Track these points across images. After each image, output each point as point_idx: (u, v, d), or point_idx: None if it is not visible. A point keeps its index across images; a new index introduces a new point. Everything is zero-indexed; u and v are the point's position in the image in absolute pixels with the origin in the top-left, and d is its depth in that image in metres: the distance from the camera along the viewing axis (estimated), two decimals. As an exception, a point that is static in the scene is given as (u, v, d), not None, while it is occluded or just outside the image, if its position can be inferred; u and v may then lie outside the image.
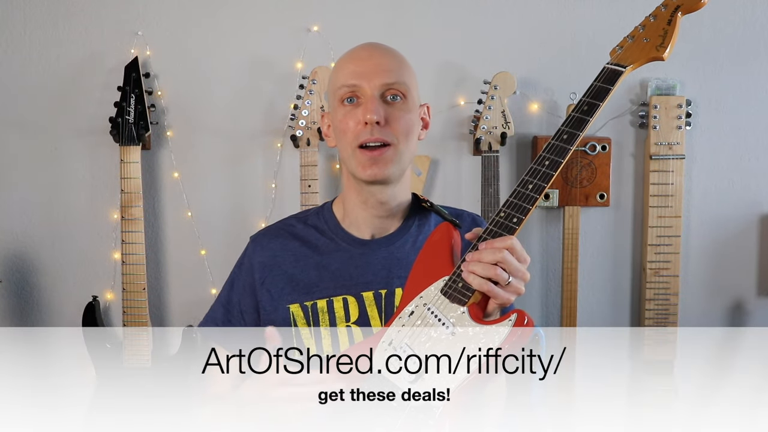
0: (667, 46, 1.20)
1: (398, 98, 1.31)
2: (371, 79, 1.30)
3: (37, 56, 2.36)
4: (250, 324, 1.41)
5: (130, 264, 2.26)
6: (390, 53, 1.35)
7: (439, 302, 1.19)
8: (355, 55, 1.34)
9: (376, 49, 1.35)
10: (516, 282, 1.16)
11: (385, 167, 1.30)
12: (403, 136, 1.31)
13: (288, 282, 1.37)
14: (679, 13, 1.20)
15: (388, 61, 1.33)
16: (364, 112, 1.29)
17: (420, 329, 1.18)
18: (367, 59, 1.32)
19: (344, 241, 1.38)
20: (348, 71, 1.32)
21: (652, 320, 2.37)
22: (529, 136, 2.40)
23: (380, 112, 1.28)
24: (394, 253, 1.36)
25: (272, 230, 1.45)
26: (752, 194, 2.44)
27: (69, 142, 2.39)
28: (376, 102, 1.29)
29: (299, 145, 2.27)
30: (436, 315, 1.17)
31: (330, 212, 1.43)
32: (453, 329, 1.14)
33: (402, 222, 1.40)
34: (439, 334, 1.15)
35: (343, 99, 1.32)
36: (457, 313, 1.16)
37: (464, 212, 1.47)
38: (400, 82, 1.31)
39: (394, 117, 1.30)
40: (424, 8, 2.37)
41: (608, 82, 1.21)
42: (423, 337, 1.17)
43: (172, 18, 2.36)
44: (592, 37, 2.39)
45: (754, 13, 2.39)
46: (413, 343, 1.17)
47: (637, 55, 1.23)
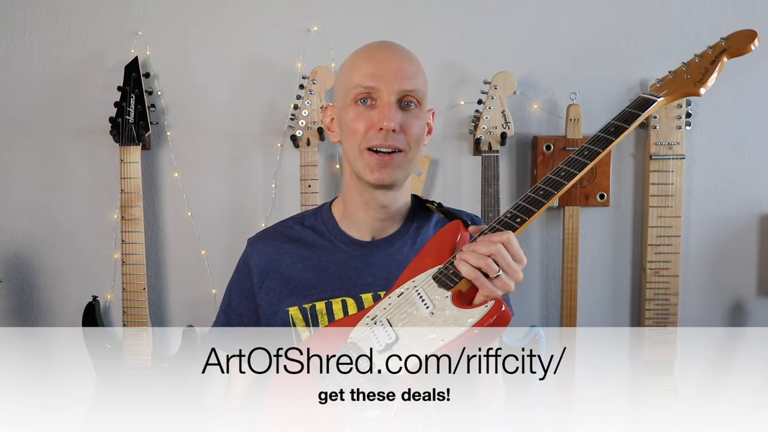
0: (705, 82, 1.25)
1: (413, 105, 1.30)
2: (390, 84, 1.28)
3: (37, 56, 2.36)
4: (248, 327, 1.41)
5: (130, 264, 2.26)
6: (409, 57, 1.33)
7: (427, 286, 1.22)
8: (373, 55, 1.31)
9: (396, 51, 1.33)
10: (506, 278, 1.15)
11: (393, 172, 1.30)
12: (415, 143, 1.31)
13: (286, 284, 1.36)
14: (725, 57, 1.25)
15: (408, 66, 1.30)
16: (381, 118, 1.27)
17: (403, 309, 1.21)
18: (386, 61, 1.29)
19: (342, 243, 1.38)
20: (365, 72, 1.29)
21: (652, 320, 2.37)
22: (529, 136, 2.40)
23: (397, 119, 1.27)
24: (393, 255, 1.36)
25: (269, 233, 1.45)
26: (752, 194, 2.44)
27: (69, 142, 2.39)
28: (393, 108, 1.27)
29: (299, 145, 2.27)
30: (421, 297, 1.20)
31: (329, 213, 1.42)
32: (433, 310, 1.17)
33: (401, 224, 1.40)
34: (419, 313, 1.18)
35: (357, 99, 1.29)
36: (441, 297, 1.18)
37: (463, 213, 1.47)
38: (417, 89, 1.30)
39: (408, 124, 1.29)
40: (424, 8, 2.37)
41: (639, 108, 1.24)
42: (402, 315, 1.20)
43: (172, 18, 2.36)
44: (592, 37, 2.39)
45: (754, 13, 2.39)
46: (393, 320, 1.20)
47: (674, 89, 1.27)
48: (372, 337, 1.20)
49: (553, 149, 2.33)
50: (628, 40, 2.39)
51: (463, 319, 1.13)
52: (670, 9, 2.38)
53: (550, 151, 2.33)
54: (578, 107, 2.32)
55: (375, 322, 1.22)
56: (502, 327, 1.12)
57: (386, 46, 1.34)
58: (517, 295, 1.57)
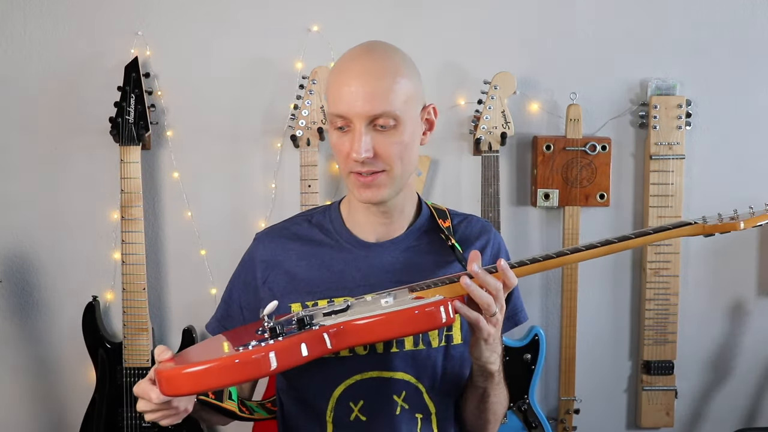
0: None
1: (389, 125, 1.23)
2: (358, 111, 1.22)
3: (37, 56, 2.36)
4: (249, 320, 1.41)
5: (130, 264, 2.26)
6: (381, 72, 1.23)
7: (399, 291, 1.25)
8: (343, 78, 1.24)
9: (367, 69, 1.23)
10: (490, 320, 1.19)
11: (378, 191, 1.27)
12: (397, 161, 1.26)
13: (290, 281, 1.36)
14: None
15: (378, 84, 1.21)
16: (351, 148, 1.23)
17: (365, 303, 1.23)
18: (354, 84, 1.22)
19: (348, 243, 1.37)
20: (336, 97, 1.24)
21: (652, 320, 2.37)
22: (529, 136, 2.40)
23: (368, 146, 1.22)
24: (398, 258, 1.36)
25: (276, 229, 1.44)
26: (752, 194, 2.43)
27: (69, 142, 2.38)
28: (362, 137, 1.22)
29: (299, 145, 2.27)
30: (389, 296, 1.21)
31: (336, 212, 1.41)
32: (389, 300, 1.18)
33: (408, 226, 1.39)
34: (376, 302, 1.20)
35: (334, 125, 1.26)
36: (404, 296, 1.21)
37: (474, 217, 1.45)
38: (389, 110, 1.21)
39: (383, 146, 1.24)
40: (424, 8, 2.37)
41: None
42: (362, 304, 1.22)
43: (172, 18, 2.35)
44: (592, 37, 2.39)
45: (754, 13, 2.39)
46: (354, 305, 1.22)
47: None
48: (325, 309, 1.22)
49: (553, 149, 2.33)
50: (628, 40, 2.39)
51: (406, 302, 1.14)
52: (670, 9, 2.38)
53: (550, 151, 2.33)
54: (578, 107, 2.32)
55: (339, 304, 1.24)
56: (435, 323, 1.10)
57: (358, 60, 1.26)
58: (517, 295, 1.57)
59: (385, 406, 1.31)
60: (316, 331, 1.10)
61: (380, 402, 1.30)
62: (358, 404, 1.31)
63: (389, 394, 1.31)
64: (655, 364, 2.38)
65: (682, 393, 2.47)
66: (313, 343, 1.09)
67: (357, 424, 1.31)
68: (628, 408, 2.52)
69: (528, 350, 2.33)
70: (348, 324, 1.11)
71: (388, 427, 1.31)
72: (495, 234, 1.43)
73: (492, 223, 2.22)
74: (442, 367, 1.33)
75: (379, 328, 1.11)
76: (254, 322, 1.26)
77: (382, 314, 1.11)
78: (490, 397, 1.32)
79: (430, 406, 1.33)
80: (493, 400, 1.32)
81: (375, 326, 1.11)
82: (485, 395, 1.31)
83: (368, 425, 1.31)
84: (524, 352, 2.33)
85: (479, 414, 1.35)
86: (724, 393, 2.51)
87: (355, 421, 1.31)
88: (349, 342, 1.12)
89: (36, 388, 2.44)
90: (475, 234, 1.41)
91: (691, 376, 2.50)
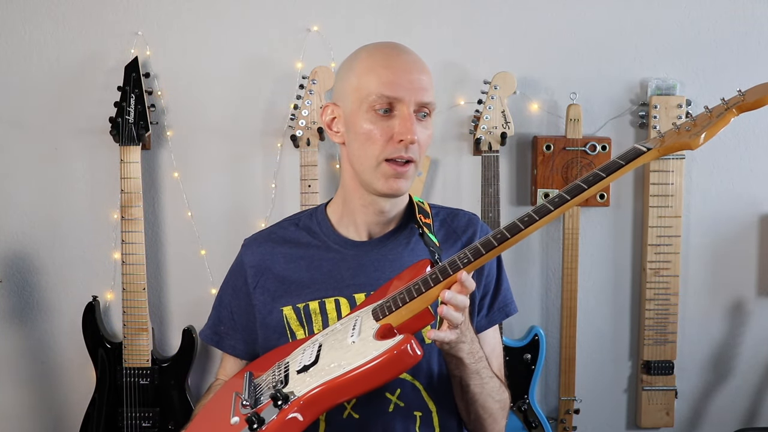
0: (701, 135, 1.10)
1: (426, 115, 1.30)
2: (411, 95, 1.26)
3: (37, 56, 2.36)
4: (239, 324, 1.43)
5: (130, 264, 2.26)
6: (423, 66, 1.31)
7: (366, 315, 1.22)
8: (392, 63, 1.28)
9: (413, 60, 1.30)
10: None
11: (405, 183, 1.30)
12: (424, 151, 1.31)
13: (280, 284, 1.37)
14: (735, 110, 1.11)
15: (425, 77, 1.29)
16: (403, 131, 1.25)
17: (339, 335, 1.21)
18: (405, 71, 1.27)
19: (336, 243, 1.38)
20: (386, 80, 1.26)
21: (652, 320, 2.37)
22: (529, 136, 2.40)
23: (417, 132, 1.26)
24: (387, 255, 1.36)
25: (263, 234, 1.46)
26: (752, 194, 2.44)
27: (69, 142, 2.38)
28: (413, 121, 1.26)
29: (299, 145, 2.28)
30: (355, 327, 1.19)
31: (323, 214, 1.43)
32: (356, 339, 1.16)
33: (397, 224, 1.40)
34: (346, 341, 1.18)
35: (375, 107, 1.27)
36: (369, 328, 1.18)
37: (460, 212, 1.46)
38: (432, 101, 1.29)
39: (421, 135, 1.28)
40: (424, 8, 2.37)
41: (624, 158, 1.13)
42: (334, 341, 1.20)
43: (172, 18, 2.35)
44: (592, 37, 2.39)
45: (754, 13, 2.39)
46: (325, 344, 1.21)
47: (669, 140, 1.13)
48: (300, 358, 1.21)
49: (553, 149, 2.33)
50: (628, 40, 2.39)
51: (368, 351, 1.12)
52: (670, 9, 2.38)
53: (550, 151, 2.33)
54: (578, 107, 2.32)
55: (313, 344, 1.23)
56: (404, 365, 1.09)
57: (404, 52, 1.31)
58: (517, 295, 1.57)
59: (378, 404, 1.31)
60: (285, 410, 1.10)
61: (373, 399, 1.30)
62: (351, 402, 1.30)
63: (381, 391, 1.30)
64: (655, 364, 2.38)
65: (682, 393, 2.47)
66: (288, 427, 1.10)
67: (350, 421, 1.31)
68: (628, 408, 2.52)
69: (528, 350, 2.33)
70: (316, 394, 1.11)
71: (381, 424, 1.31)
72: (482, 225, 1.45)
73: (492, 223, 2.23)
74: (438, 364, 1.33)
75: (348, 388, 1.11)
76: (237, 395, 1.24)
77: (348, 375, 1.10)
78: (470, 387, 1.28)
79: (429, 404, 1.33)
80: (475, 391, 1.29)
81: (343, 387, 1.11)
82: (464, 385, 1.29)
83: (361, 423, 1.31)
84: (524, 352, 2.33)
85: (466, 408, 1.33)
86: (724, 393, 2.51)
87: (348, 419, 1.31)
88: (323, 408, 1.13)
89: (36, 388, 2.44)
90: (462, 227, 1.43)
91: (691, 376, 2.50)
